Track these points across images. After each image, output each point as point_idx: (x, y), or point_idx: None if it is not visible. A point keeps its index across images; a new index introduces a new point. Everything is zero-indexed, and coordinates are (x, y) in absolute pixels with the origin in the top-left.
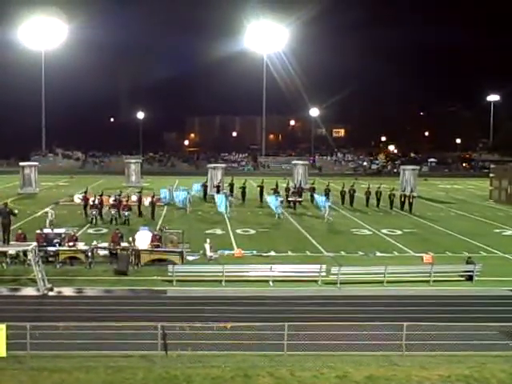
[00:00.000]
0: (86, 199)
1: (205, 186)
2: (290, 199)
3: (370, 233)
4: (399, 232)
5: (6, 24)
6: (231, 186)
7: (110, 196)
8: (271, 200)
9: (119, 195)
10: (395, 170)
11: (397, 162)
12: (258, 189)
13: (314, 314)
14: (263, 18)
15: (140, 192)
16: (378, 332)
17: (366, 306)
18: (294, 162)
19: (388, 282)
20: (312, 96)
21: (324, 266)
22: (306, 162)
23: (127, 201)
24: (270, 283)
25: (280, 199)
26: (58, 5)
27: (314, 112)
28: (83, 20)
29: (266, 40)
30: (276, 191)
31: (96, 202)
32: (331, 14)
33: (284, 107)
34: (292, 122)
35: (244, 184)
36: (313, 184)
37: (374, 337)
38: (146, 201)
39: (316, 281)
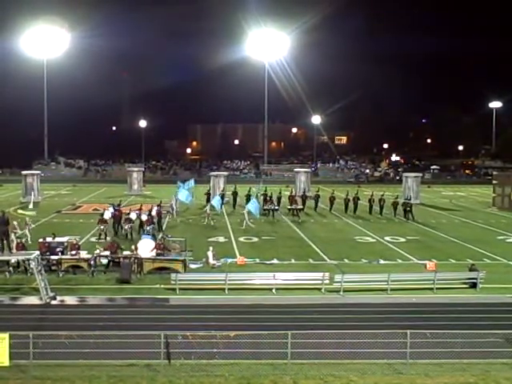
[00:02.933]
0: (119, 213)
1: (208, 194)
2: (265, 208)
3: (374, 240)
4: (402, 239)
5: (8, 33)
6: (235, 194)
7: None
8: (251, 205)
9: (118, 205)
10: (398, 178)
11: (399, 169)
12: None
13: (318, 322)
14: (264, 26)
15: (160, 205)
16: (382, 340)
17: (369, 314)
18: (296, 169)
19: (392, 289)
20: (314, 103)
21: (327, 274)
22: (308, 170)
23: (128, 213)
24: (273, 291)
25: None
26: (60, 14)
27: (316, 119)
28: (85, 29)
29: (268, 48)
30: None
31: (132, 215)
32: (333, 21)
33: (286, 115)
34: (294, 130)
35: (249, 191)
36: (317, 191)
37: (377, 345)
38: (153, 210)
39: (319, 289)
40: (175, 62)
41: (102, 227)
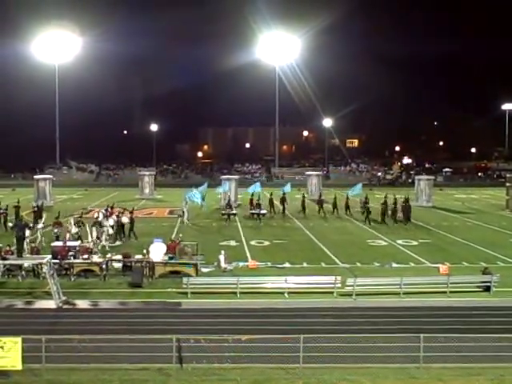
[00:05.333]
0: (111, 215)
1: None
2: (252, 212)
3: (386, 243)
4: (415, 242)
5: (20, 38)
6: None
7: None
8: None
9: (111, 208)
10: (410, 180)
11: (412, 172)
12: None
13: (330, 326)
14: (275, 29)
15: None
16: (395, 344)
17: (382, 318)
18: (307, 172)
19: (404, 293)
20: (325, 106)
21: (339, 278)
22: (320, 173)
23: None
24: (285, 295)
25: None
26: (71, 19)
27: (328, 122)
28: (96, 33)
29: (279, 50)
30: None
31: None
32: (344, 24)
33: (297, 118)
34: (305, 133)
35: (258, 197)
36: (320, 196)
37: (390, 349)
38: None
39: (331, 292)
40: (186, 65)
41: (55, 230)
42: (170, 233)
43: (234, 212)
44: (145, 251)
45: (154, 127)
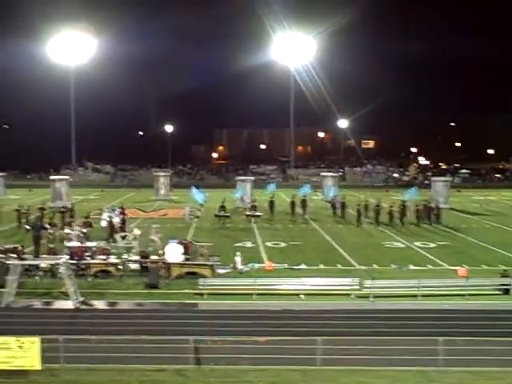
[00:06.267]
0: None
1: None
2: (247, 214)
3: (403, 246)
4: (432, 245)
5: (35, 39)
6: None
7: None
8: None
9: (122, 208)
10: (427, 182)
11: (428, 173)
12: (290, 202)
13: (347, 328)
14: (290, 30)
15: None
16: (414, 347)
17: (400, 320)
18: (322, 173)
19: (422, 295)
20: (341, 107)
21: (356, 280)
22: (336, 174)
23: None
24: (302, 297)
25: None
26: (87, 20)
27: (343, 123)
28: (111, 34)
29: (294, 51)
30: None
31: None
32: (360, 24)
33: (312, 119)
34: (321, 134)
35: (273, 197)
36: (305, 197)
37: (409, 352)
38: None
39: (348, 294)
40: (201, 66)
41: (84, 230)
42: (185, 234)
43: (259, 214)
44: (161, 252)
45: (169, 128)
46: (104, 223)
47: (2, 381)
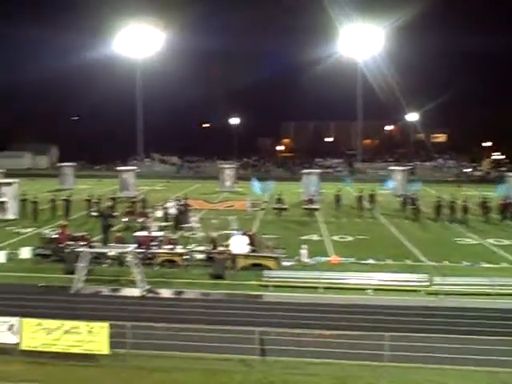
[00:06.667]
0: (186, 207)
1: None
2: (274, 206)
3: (475, 242)
4: (507, 242)
5: (103, 32)
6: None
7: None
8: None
9: (185, 199)
10: (501, 178)
11: (503, 168)
12: (356, 196)
13: (415, 325)
14: (358, 21)
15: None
16: (485, 346)
17: (471, 319)
18: (391, 167)
19: (495, 294)
20: (410, 100)
21: (426, 276)
22: (405, 168)
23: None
24: (369, 291)
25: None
26: (155, 13)
27: (412, 117)
28: (178, 27)
29: (361, 43)
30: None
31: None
32: (430, 16)
33: (380, 112)
34: (389, 127)
35: (339, 190)
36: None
37: (480, 351)
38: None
39: (417, 290)
40: (268, 59)
41: (140, 220)
42: (250, 226)
43: (316, 207)
44: (227, 243)
45: (235, 120)
46: (159, 214)
47: (72, 363)
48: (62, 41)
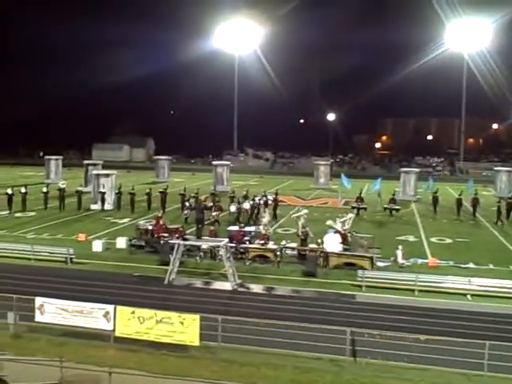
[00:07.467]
0: (276, 201)
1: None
2: (385, 206)
3: None
4: None
5: (201, 27)
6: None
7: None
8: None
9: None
10: None
11: None
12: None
13: None
14: (466, 15)
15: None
16: None
17: None
18: (496, 168)
19: None
20: None
21: None
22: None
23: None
24: (468, 297)
25: None
26: (253, 8)
27: None
28: (275, 22)
29: (468, 37)
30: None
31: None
32: None
33: (486, 110)
34: (494, 126)
35: (436, 192)
36: (476, 195)
37: None
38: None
39: None
40: (366, 53)
41: (214, 213)
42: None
43: (398, 207)
44: (319, 241)
45: (331, 117)
46: (233, 208)
47: (164, 352)
48: (162, 37)
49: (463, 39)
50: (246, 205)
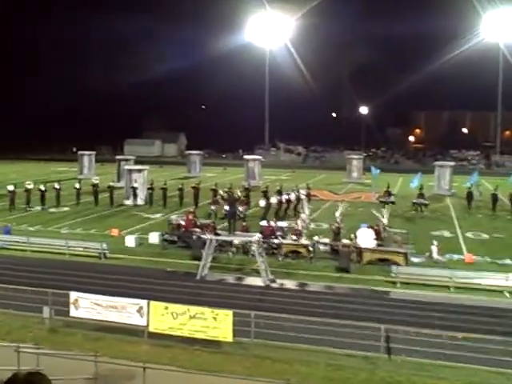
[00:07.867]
0: (308, 196)
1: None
2: (414, 201)
3: None
4: None
5: (234, 21)
6: (469, 194)
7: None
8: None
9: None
10: None
11: None
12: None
13: None
14: (501, 4)
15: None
16: None
17: None
18: None
19: None
20: None
21: None
22: None
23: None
24: (506, 294)
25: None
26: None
27: None
28: (306, 14)
29: (504, 28)
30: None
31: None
32: None
33: None
34: None
35: (470, 187)
36: (496, 189)
37: None
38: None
39: None
40: (399, 45)
41: (213, 207)
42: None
43: (426, 203)
44: (352, 236)
45: (364, 110)
46: (262, 203)
47: (197, 348)
48: (194, 33)
49: (499, 29)
50: (274, 200)
